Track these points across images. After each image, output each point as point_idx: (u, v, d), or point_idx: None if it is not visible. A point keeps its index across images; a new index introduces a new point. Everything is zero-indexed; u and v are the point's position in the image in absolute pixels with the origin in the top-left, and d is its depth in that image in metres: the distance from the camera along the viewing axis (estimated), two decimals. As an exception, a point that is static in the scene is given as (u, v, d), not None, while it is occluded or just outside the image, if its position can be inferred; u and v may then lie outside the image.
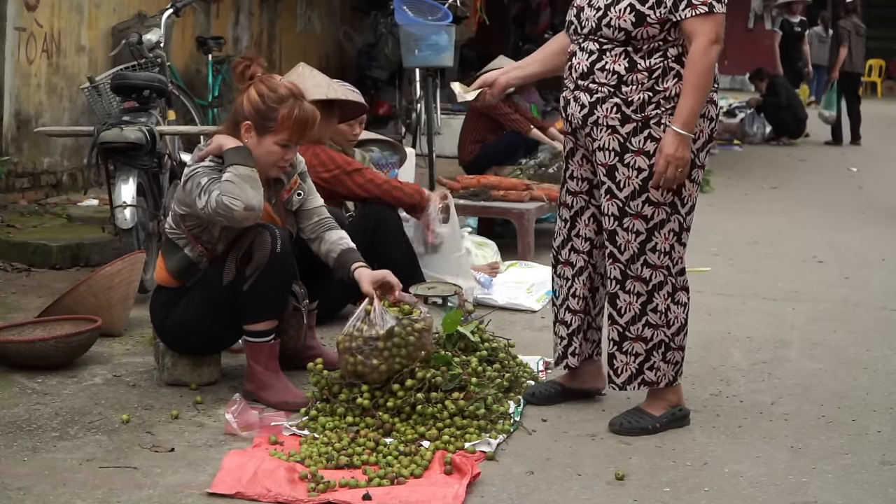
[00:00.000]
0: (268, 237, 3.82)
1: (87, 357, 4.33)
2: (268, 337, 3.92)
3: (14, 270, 5.79)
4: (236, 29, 10.24)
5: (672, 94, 3.62)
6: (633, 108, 3.64)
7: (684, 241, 3.78)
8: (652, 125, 3.64)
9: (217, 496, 3.13)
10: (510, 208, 6.49)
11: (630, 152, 3.66)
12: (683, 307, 3.81)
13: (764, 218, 8.76)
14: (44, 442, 3.49)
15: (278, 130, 3.83)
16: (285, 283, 3.95)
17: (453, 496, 3.13)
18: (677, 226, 3.72)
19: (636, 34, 3.60)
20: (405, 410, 3.66)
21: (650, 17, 3.59)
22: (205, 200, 3.72)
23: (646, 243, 3.71)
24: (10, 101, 7.06)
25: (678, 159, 3.58)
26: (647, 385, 3.80)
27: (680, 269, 3.78)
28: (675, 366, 3.82)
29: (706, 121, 3.70)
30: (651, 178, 3.65)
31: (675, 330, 3.80)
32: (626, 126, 3.65)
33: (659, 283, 3.74)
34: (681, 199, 3.71)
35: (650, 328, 3.76)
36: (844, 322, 5.44)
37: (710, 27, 3.55)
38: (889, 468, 3.55)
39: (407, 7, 9.06)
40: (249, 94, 3.87)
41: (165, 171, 5.63)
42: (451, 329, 4.09)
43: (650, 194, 3.67)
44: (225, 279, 3.86)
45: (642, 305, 3.75)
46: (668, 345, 3.79)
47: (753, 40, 24.65)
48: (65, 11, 7.55)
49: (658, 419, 3.78)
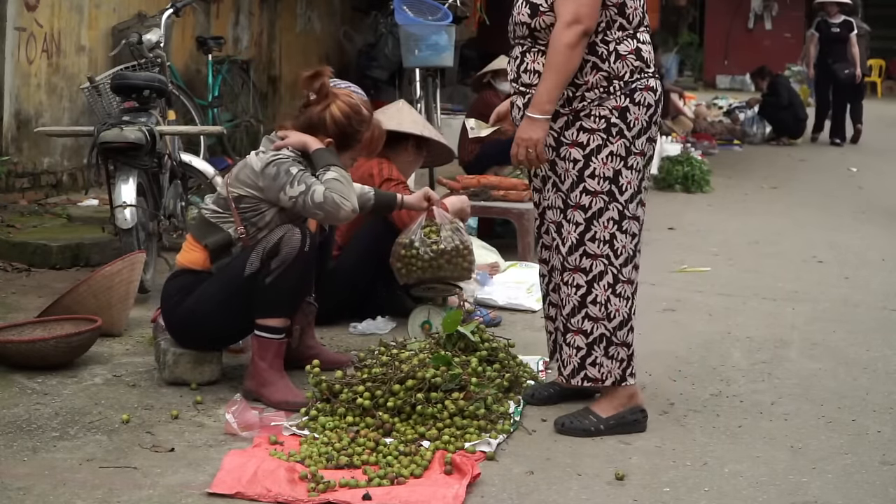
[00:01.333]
0: (298, 234, 3.88)
1: (87, 357, 4.33)
2: (278, 335, 3.92)
3: (14, 270, 5.79)
4: (236, 29, 10.24)
5: (592, 84, 3.66)
6: (560, 103, 3.68)
7: (627, 230, 3.73)
8: (582, 117, 3.68)
9: (217, 496, 3.13)
10: (510, 208, 6.50)
11: (564, 145, 3.71)
12: (626, 300, 3.76)
13: (764, 218, 8.76)
14: (44, 442, 3.49)
15: (358, 150, 4.18)
16: (306, 284, 4.00)
17: (453, 496, 3.13)
18: (617, 214, 3.71)
19: (534, 25, 3.68)
20: (405, 410, 3.66)
21: (542, 5, 3.66)
22: (301, 191, 3.86)
23: (584, 233, 3.71)
24: (10, 101, 7.06)
25: (526, 141, 3.66)
26: (590, 381, 3.77)
27: (624, 260, 3.74)
28: (621, 363, 3.76)
29: (642, 108, 3.69)
30: (585, 168, 3.69)
31: (617, 324, 3.75)
32: (557, 121, 3.70)
33: (599, 273, 3.72)
34: (618, 187, 3.70)
35: (590, 321, 3.74)
36: (844, 322, 5.44)
37: (567, 9, 3.59)
38: (889, 468, 3.55)
39: (407, 7, 9.06)
40: (333, 113, 4.05)
41: (165, 171, 5.63)
42: (451, 329, 4.09)
43: (586, 184, 3.69)
44: (247, 270, 3.88)
45: (581, 297, 3.74)
46: (610, 339, 3.75)
47: (753, 40, 24.66)
48: (65, 11, 7.55)
49: (604, 421, 3.75)
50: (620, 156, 3.69)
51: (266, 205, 3.94)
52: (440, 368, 3.76)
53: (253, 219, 3.96)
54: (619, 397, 3.79)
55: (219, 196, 4.05)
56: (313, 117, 4.05)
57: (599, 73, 3.66)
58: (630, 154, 3.70)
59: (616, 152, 3.68)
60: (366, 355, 4.03)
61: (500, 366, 4.09)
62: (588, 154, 3.69)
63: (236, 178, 3.99)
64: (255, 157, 3.99)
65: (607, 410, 3.77)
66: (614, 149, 3.68)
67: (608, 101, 3.66)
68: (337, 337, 4.83)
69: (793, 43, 23.11)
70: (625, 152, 3.69)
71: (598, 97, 3.66)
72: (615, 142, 3.68)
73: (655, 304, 5.46)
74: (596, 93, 3.66)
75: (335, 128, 4.05)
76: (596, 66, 3.66)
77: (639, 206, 3.77)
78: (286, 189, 3.88)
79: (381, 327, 4.92)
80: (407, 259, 4.63)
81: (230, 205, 3.97)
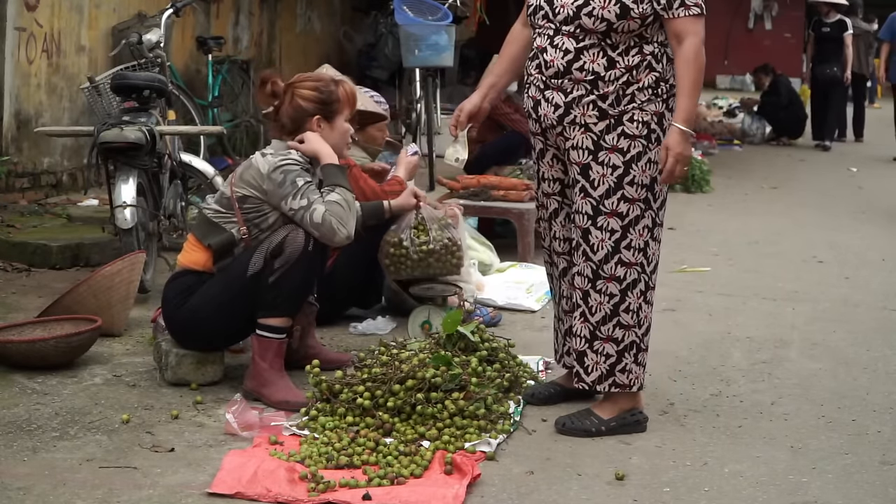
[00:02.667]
0: (302, 234, 3.88)
1: (87, 357, 4.33)
2: (279, 334, 3.92)
3: (14, 270, 5.79)
4: (236, 29, 10.23)
5: (645, 85, 3.64)
6: (608, 102, 3.64)
7: (658, 237, 3.76)
8: (625, 122, 3.65)
9: (217, 496, 3.13)
10: (510, 208, 6.50)
11: (604, 150, 3.67)
12: (652, 306, 3.80)
13: (764, 218, 8.76)
14: (44, 442, 3.49)
15: (343, 109, 4.11)
16: (309, 283, 3.99)
17: (453, 496, 3.13)
18: (650, 221, 3.72)
19: (618, 27, 3.60)
20: (405, 410, 3.66)
21: (634, 10, 3.60)
22: (302, 205, 3.87)
23: (621, 241, 3.70)
24: (10, 101, 7.06)
25: (686, 157, 3.61)
26: (619, 388, 3.76)
27: (654, 267, 3.76)
28: (644, 368, 3.80)
29: (671, 114, 3.68)
30: (625, 175, 3.66)
31: (645, 330, 3.78)
32: (600, 124, 3.66)
33: (633, 281, 3.72)
34: (653, 195, 3.70)
35: (622, 329, 3.74)
36: (844, 322, 5.44)
37: (700, 27, 3.62)
38: (889, 468, 3.55)
39: (407, 7, 9.06)
40: (302, 94, 4.08)
41: (165, 171, 5.63)
42: (450, 329, 4.09)
43: (625, 191, 3.67)
44: (251, 270, 3.88)
45: (614, 306, 3.73)
46: (640, 346, 3.77)
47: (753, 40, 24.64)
48: (65, 11, 7.54)
49: (605, 422, 3.75)
50: (656, 163, 3.67)
51: (269, 207, 3.95)
52: (440, 368, 3.76)
53: (256, 220, 3.96)
54: (621, 399, 3.79)
55: (222, 195, 4.05)
56: (290, 114, 4.07)
57: (652, 74, 3.64)
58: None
59: (654, 159, 3.67)
60: (366, 355, 4.03)
61: (500, 366, 4.09)
62: (628, 161, 3.65)
63: (241, 178, 3.99)
64: (261, 159, 3.98)
65: (608, 412, 3.77)
66: (652, 155, 3.67)
67: (650, 105, 3.65)
68: (337, 337, 4.83)
69: (793, 43, 23.08)
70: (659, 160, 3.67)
71: (647, 98, 3.64)
72: (654, 148, 3.66)
73: (655, 305, 5.43)
74: (646, 94, 3.64)
75: (313, 105, 4.06)
76: (650, 67, 3.64)
77: (665, 213, 3.79)
78: (288, 200, 3.89)
79: (381, 327, 4.91)
80: (396, 257, 4.71)
81: (233, 204, 3.97)
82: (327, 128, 4.08)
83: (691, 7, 3.60)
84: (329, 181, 3.96)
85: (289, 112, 4.08)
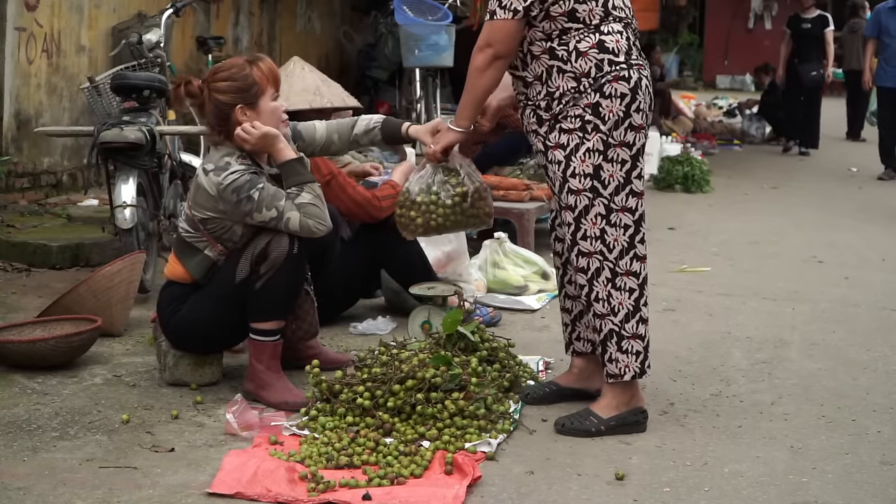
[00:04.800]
0: (286, 239, 3.84)
1: (87, 357, 4.33)
2: (273, 337, 3.92)
3: (14, 270, 5.79)
4: (236, 29, 10.23)
5: (564, 89, 3.68)
6: (542, 109, 3.75)
7: (617, 222, 3.72)
8: (560, 119, 3.71)
9: (217, 496, 3.13)
10: (510, 208, 6.49)
11: (550, 149, 3.75)
12: (630, 292, 3.76)
13: (764, 218, 8.76)
14: (44, 442, 3.49)
15: (264, 89, 3.91)
16: (297, 285, 3.97)
17: (453, 496, 3.13)
18: (603, 209, 3.71)
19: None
20: (405, 410, 3.66)
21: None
22: (272, 216, 3.80)
23: (576, 232, 3.74)
24: (10, 101, 7.06)
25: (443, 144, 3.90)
26: (612, 377, 3.77)
27: (619, 253, 3.73)
28: (636, 356, 3.77)
29: (615, 99, 3.67)
30: (567, 168, 3.72)
31: (623, 317, 3.75)
32: (542, 126, 3.76)
33: (596, 269, 3.73)
34: (601, 182, 3.71)
35: (598, 318, 3.76)
36: (844, 322, 5.44)
37: (483, 33, 3.70)
38: (889, 468, 3.55)
39: (407, 7, 9.07)
40: (217, 87, 3.91)
41: (165, 171, 5.63)
42: (450, 329, 4.09)
43: (569, 184, 3.72)
44: (238, 277, 3.87)
45: (587, 297, 3.77)
46: (620, 334, 3.76)
47: (753, 40, 24.66)
48: (65, 11, 7.55)
49: (605, 422, 3.75)
50: (598, 150, 3.69)
51: (231, 222, 3.89)
52: (440, 368, 3.76)
53: (225, 236, 3.91)
54: (620, 398, 3.79)
55: (187, 217, 3.99)
56: (213, 111, 3.92)
57: (566, 76, 3.68)
58: (609, 147, 3.70)
59: (593, 148, 3.69)
60: (366, 355, 4.03)
61: (500, 366, 4.09)
62: (568, 154, 3.72)
63: (195, 202, 3.91)
64: (205, 179, 3.86)
65: (608, 411, 3.77)
66: (591, 145, 3.69)
67: (581, 101, 3.68)
68: (337, 337, 4.83)
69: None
70: (602, 146, 3.69)
71: (571, 98, 3.69)
72: (591, 138, 3.69)
73: (655, 304, 5.44)
74: (569, 95, 3.69)
75: (231, 95, 3.89)
76: (561, 70, 3.68)
77: (629, 196, 3.74)
78: (253, 215, 3.81)
79: (381, 327, 4.92)
80: (426, 206, 4.00)
81: (198, 227, 3.94)
82: (253, 114, 3.88)
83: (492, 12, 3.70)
84: (292, 181, 3.86)
85: (211, 110, 3.93)
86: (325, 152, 4.32)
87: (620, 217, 3.73)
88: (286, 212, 3.81)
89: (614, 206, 3.73)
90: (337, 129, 4.25)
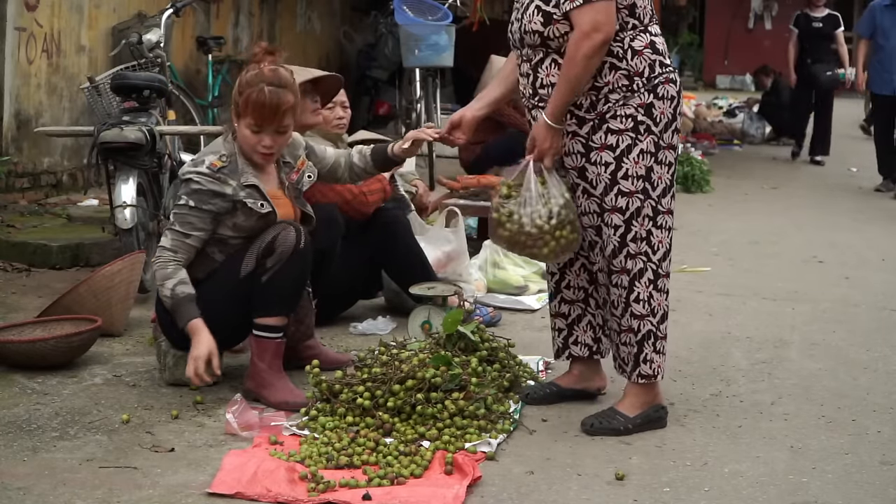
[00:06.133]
0: (293, 232, 3.87)
1: (87, 357, 4.33)
2: (277, 334, 3.92)
3: (14, 270, 5.79)
4: (236, 29, 10.23)
5: (615, 86, 3.64)
6: (584, 109, 3.67)
7: (662, 224, 3.74)
8: (608, 119, 3.66)
9: (217, 496, 3.13)
10: (510, 208, 6.47)
11: (594, 150, 3.69)
12: (666, 294, 3.80)
13: (764, 218, 8.76)
14: (44, 442, 3.49)
15: (244, 114, 3.88)
16: (302, 281, 3.98)
17: (453, 496, 3.13)
18: (651, 210, 3.72)
19: (548, 33, 3.63)
20: (405, 410, 3.66)
21: (555, 14, 3.61)
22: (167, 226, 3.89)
23: (626, 234, 3.71)
24: (10, 101, 7.06)
25: (552, 149, 3.67)
26: (644, 378, 3.78)
27: (662, 255, 3.75)
28: (664, 357, 3.81)
29: (666, 101, 3.68)
30: (618, 170, 3.67)
31: (660, 318, 3.78)
32: (584, 127, 3.69)
33: (639, 270, 3.72)
34: (650, 183, 3.70)
35: (636, 319, 3.75)
36: (844, 322, 5.44)
37: (584, 18, 3.56)
38: (889, 468, 3.55)
39: (407, 7, 9.06)
40: (238, 78, 3.97)
41: (165, 171, 5.63)
42: (451, 329, 4.09)
43: (620, 186, 3.69)
44: (243, 271, 3.87)
45: (626, 297, 3.75)
46: (656, 335, 3.78)
47: (753, 40, 24.67)
48: (65, 11, 7.55)
49: (631, 420, 3.76)
50: (650, 152, 3.68)
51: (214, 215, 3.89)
52: (440, 368, 3.76)
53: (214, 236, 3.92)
54: (645, 396, 3.81)
55: None
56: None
57: (619, 73, 3.63)
58: (659, 149, 3.70)
59: (646, 149, 3.67)
60: (366, 355, 4.03)
61: (500, 366, 4.09)
62: (619, 156, 3.67)
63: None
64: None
65: (633, 409, 3.79)
66: (644, 146, 3.67)
67: (632, 100, 3.64)
68: (337, 337, 4.83)
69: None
70: (654, 148, 3.68)
71: (622, 97, 3.64)
72: (644, 139, 3.66)
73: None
74: (619, 93, 3.64)
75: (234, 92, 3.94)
76: (614, 66, 3.63)
77: (672, 199, 3.78)
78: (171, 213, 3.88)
79: (381, 327, 4.92)
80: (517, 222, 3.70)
81: None
82: (237, 123, 3.92)
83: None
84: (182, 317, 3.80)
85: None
86: (332, 174, 4.31)
87: (665, 219, 3.75)
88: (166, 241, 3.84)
89: (661, 209, 3.73)
90: (341, 155, 4.32)
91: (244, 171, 3.91)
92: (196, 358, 3.73)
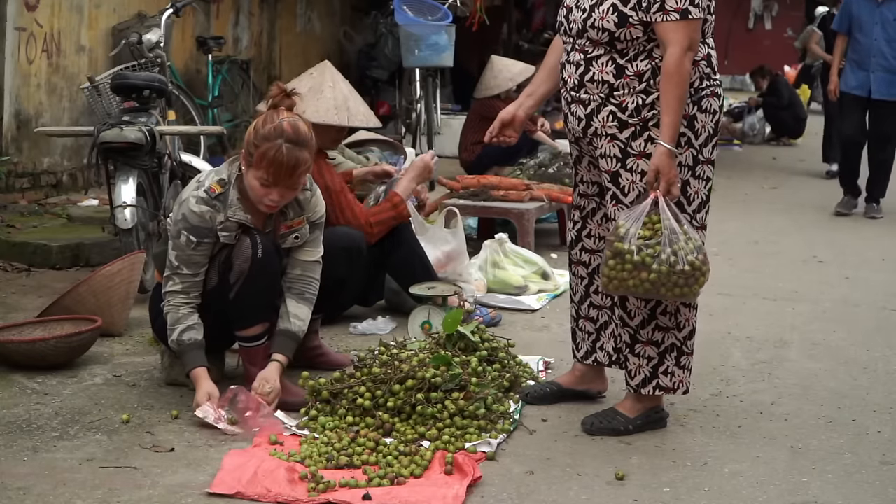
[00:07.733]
0: (247, 244, 3.78)
1: (87, 357, 4.33)
2: (260, 340, 3.90)
3: (14, 270, 5.79)
4: (236, 29, 10.23)
5: None
6: (628, 112, 3.60)
7: None
8: (651, 127, 3.59)
9: (217, 496, 3.13)
10: (510, 208, 6.49)
11: (632, 156, 3.63)
12: (695, 310, 3.77)
13: (764, 218, 8.76)
14: (44, 442, 3.49)
15: (257, 166, 3.71)
16: (272, 286, 3.89)
17: (453, 496, 3.13)
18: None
19: (619, 35, 3.56)
20: (405, 410, 3.66)
21: (632, 17, 3.54)
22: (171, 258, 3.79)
23: None
24: (10, 101, 7.06)
25: (676, 177, 3.53)
26: (662, 391, 3.76)
27: None
28: (689, 372, 3.78)
29: (708, 115, 3.63)
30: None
31: (687, 334, 3.75)
32: (624, 132, 3.62)
33: None
34: (686, 198, 3.64)
35: (660, 331, 3.72)
36: (844, 322, 5.44)
37: (682, 35, 3.48)
38: (889, 468, 3.55)
39: (407, 7, 9.07)
40: (254, 123, 3.78)
41: (165, 171, 5.63)
42: (451, 329, 4.09)
43: None
44: (209, 285, 3.84)
45: (651, 309, 3.70)
46: (681, 349, 3.75)
47: (753, 40, 24.65)
48: (65, 11, 7.55)
49: (632, 421, 3.75)
50: (688, 166, 3.62)
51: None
52: (440, 368, 3.76)
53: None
54: (644, 397, 3.79)
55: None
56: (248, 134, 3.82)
57: None
58: (697, 163, 3.64)
59: (684, 163, 3.61)
60: (366, 355, 4.03)
61: (500, 366, 4.09)
62: None
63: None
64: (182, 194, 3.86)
65: (633, 410, 3.78)
66: (682, 159, 3.60)
67: None
68: (337, 337, 4.83)
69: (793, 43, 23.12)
70: (692, 162, 3.62)
71: None
72: (683, 152, 3.60)
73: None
74: None
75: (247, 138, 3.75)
76: None
77: (706, 214, 3.71)
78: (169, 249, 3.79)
79: (381, 327, 4.92)
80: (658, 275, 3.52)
81: None
82: (245, 168, 3.76)
83: (670, 12, 3.48)
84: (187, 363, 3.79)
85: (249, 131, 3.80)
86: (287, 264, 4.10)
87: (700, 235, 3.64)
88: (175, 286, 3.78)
89: (694, 224, 3.65)
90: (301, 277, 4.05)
91: (233, 204, 3.79)
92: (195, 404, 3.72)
